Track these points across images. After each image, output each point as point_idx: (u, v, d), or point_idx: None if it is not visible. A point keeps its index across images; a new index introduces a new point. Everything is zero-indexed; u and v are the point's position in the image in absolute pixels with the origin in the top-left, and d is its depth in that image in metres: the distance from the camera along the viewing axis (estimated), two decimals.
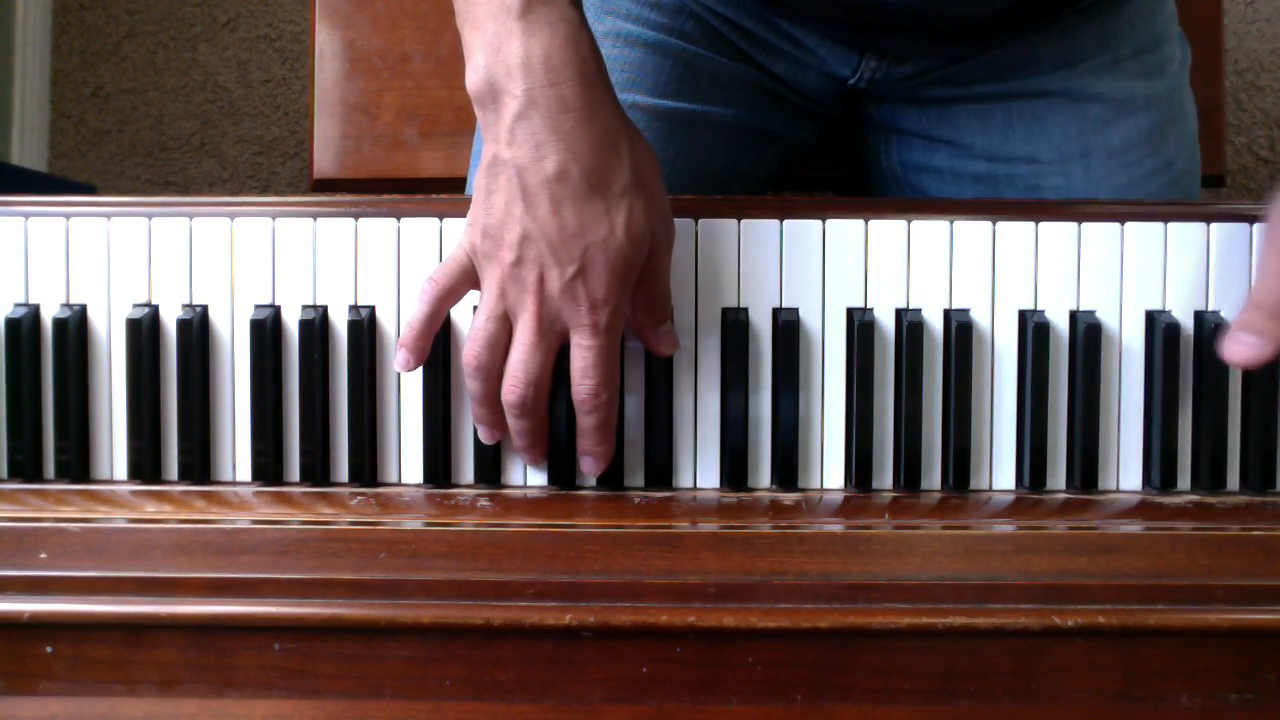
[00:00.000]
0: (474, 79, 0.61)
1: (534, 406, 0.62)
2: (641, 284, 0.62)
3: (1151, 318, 0.66)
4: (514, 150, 0.59)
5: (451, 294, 0.63)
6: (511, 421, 0.63)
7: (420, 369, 0.65)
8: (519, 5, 0.59)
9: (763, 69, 0.85)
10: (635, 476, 0.66)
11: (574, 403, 0.62)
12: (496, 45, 0.60)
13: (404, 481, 0.66)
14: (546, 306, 0.61)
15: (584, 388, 0.61)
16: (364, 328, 0.65)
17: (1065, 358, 0.66)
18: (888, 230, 0.66)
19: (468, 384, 0.63)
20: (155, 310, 0.66)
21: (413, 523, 0.59)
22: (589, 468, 0.64)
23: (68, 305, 0.67)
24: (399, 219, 0.66)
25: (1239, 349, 0.59)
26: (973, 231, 0.66)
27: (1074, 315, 0.65)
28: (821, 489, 0.66)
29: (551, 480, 0.66)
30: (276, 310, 0.66)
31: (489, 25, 0.60)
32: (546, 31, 0.59)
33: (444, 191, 0.73)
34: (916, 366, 0.65)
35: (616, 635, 0.55)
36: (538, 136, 0.59)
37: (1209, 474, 0.65)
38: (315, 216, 0.67)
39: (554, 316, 0.61)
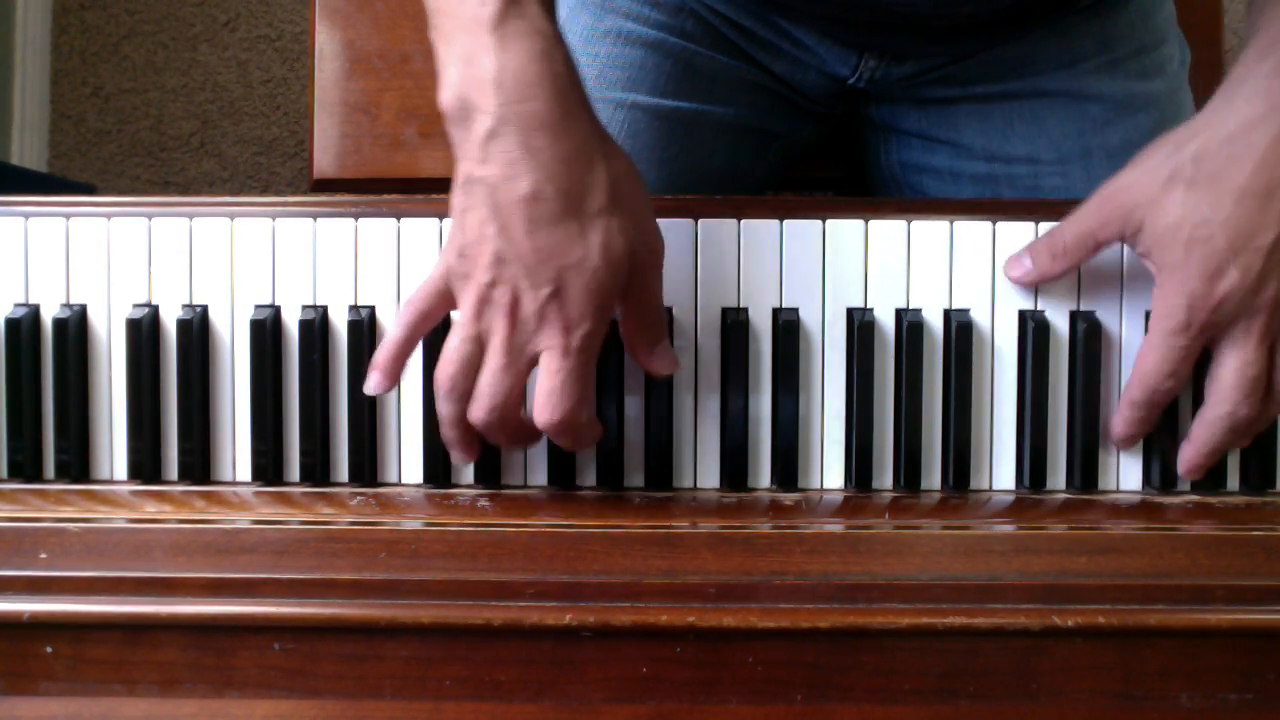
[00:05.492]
0: (446, 95, 0.59)
1: (501, 426, 0.61)
2: (631, 305, 0.61)
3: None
4: (486, 169, 0.58)
5: (429, 317, 0.62)
6: (489, 437, 0.62)
7: (421, 370, 0.65)
8: (491, 19, 0.58)
9: (762, 68, 0.85)
10: (635, 476, 0.66)
11: (542, 428, 0.60)
12: (468, 59, 0.58)
13: (404, 481, 0.66)
14: (520, 329, 0.59)
15: (543, 415, 0.59)
16: (364, 328, 0.65)
17: (1065, 358, 0.66)
18: (888, 230, 0.66)
19: (438, 405, 0.61)
20: (155, 310, 0.66)
21: (413, 523, 0.59)
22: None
23: (68, 305, 0.67)
24: (399, 219, 0.66)
25: (1014, 267, 0.65)
26: (973, 231, 0.66)
27: (1074, 315, 0.66)
28: (821, 489, 0.66)
29: (551, 480, 0.66)
30: (276, 310, 0.66)
31: (461, 39, 0.58)
32: (519, 45, 0.58)
33: (444, 191, 0.73)
34: (916, 366, 0.65)
35: (616, 635, 0.55)
36: (510, 154, 0.57)
37: (1208, 474, 0.65)
38: (315, 216, 0.67)
39: (526, 339, 0.59)
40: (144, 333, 0.66)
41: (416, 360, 0.64)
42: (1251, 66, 0.60)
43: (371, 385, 0.62)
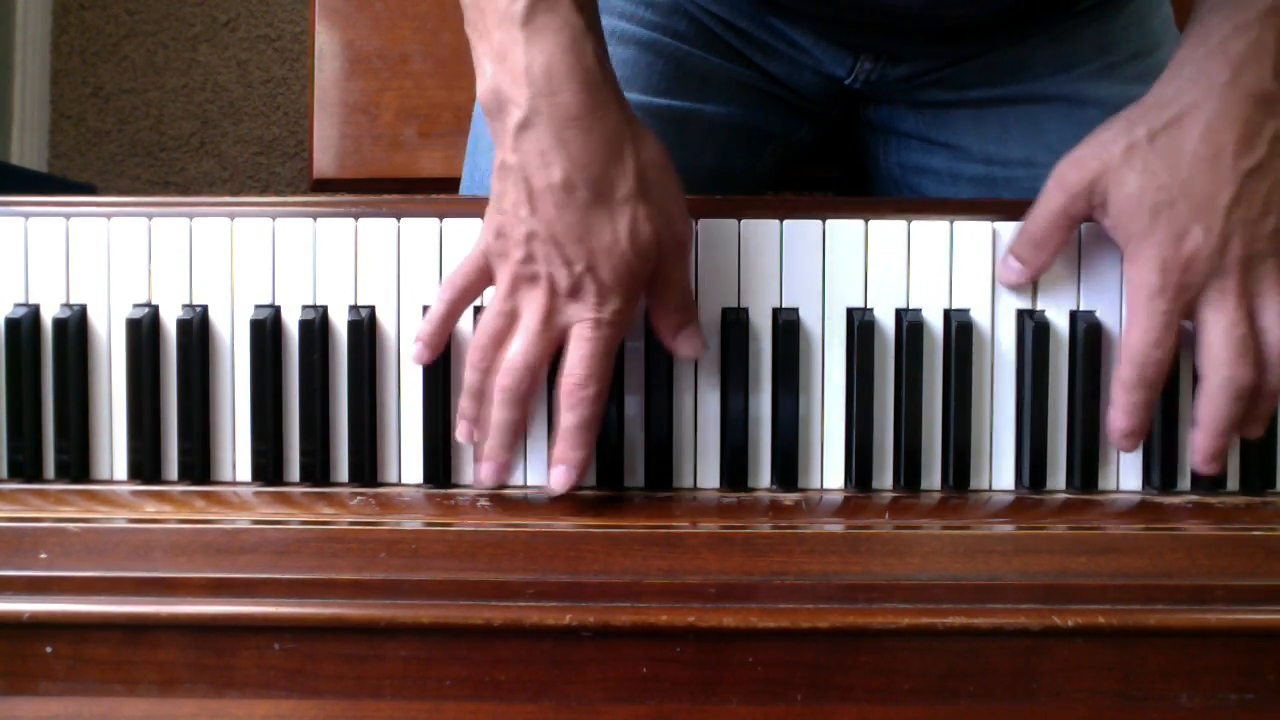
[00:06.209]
0: (482, 88, 0.62)
1: (523, 396, 0.62)
2: (659, 290, 0.63)
3: None
4: (519, 157, 0.60)
5: (469, 292, 0.64)
6: (496, 411, 0.62)
7: (421, 370, 0.65)
8: (522, 13, 0.60)
9: (758, 69, 0.85)
10: (635, 476, 0.66)
11: (560, 394, 0.62)
12: (502, 54, 0.60)
13: (404, 481, 0.67)
14: (554, 301, 0.61)
15: (573, 377, 0.61)
16: (364, 328, 0.66)
17: (1065, 358, 0.66)
18: (888, 230, 0.66)
19: (466, 374, 0.63)
20: (155, 310, 0.66)
21: (413, 523, 0.59)
22: (559, 480, 0.61)
23: (68, 305, 0.67)
24: (399, 219, 0.66)
25: (1005, 272, 0.66)
26: (973, 231, 0.66)
27: (1074, 315, 0.66)
28: (821, 489, 0.66)
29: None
30: (276, 310, 0.66)
31: (495, 34, 0.61)
32: (549, 39, 0.60)
33: (444, 191, 0.73)
34: (916, 366, 0.65)
35: (616, 635, 0.55)
36: (541, 145, 0.60)
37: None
38: (315, 216, 0.67)
39: (559, 311, 0.61)
40: (144, 333, 0.66)
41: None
42: (1191, 51, 0.63)
43: (415, 355, 0.65)
